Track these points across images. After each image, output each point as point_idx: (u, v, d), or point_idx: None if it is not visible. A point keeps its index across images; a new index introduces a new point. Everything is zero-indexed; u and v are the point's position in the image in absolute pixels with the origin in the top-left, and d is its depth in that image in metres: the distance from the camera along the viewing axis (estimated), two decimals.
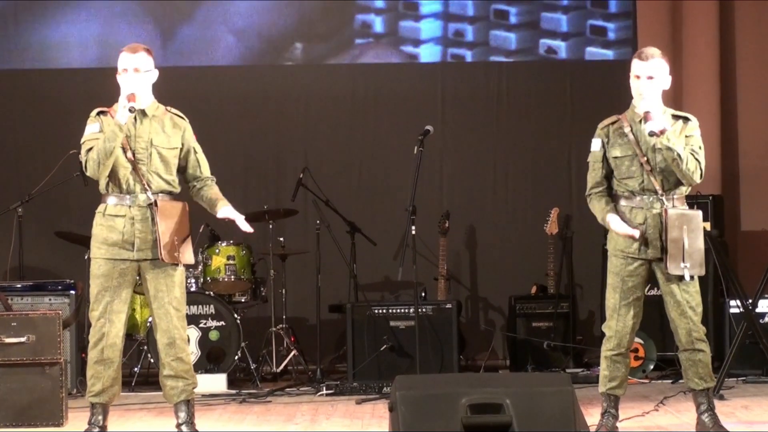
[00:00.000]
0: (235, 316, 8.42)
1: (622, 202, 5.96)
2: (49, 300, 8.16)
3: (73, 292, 8.18)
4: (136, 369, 8.45)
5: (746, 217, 9.74)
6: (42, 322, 6.81)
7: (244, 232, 6.22)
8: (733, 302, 8.31)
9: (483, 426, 4.68)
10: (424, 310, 8.33)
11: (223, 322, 8.41)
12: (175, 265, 5.94)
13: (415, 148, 7.60)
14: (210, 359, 8.36)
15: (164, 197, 5.97)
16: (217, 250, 8.60)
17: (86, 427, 6.01)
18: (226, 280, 8.59)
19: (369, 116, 9.97)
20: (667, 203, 5.87)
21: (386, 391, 7.66)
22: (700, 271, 5.89)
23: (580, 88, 9.93)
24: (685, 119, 5.97)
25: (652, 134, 5.75)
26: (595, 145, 6.02)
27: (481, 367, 9.01)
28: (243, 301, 8.78)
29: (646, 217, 5.89)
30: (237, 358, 8.38)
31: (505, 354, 9.38)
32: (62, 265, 9.29)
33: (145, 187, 5.93)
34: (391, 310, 8.44)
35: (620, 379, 5.99)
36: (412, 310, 8.21)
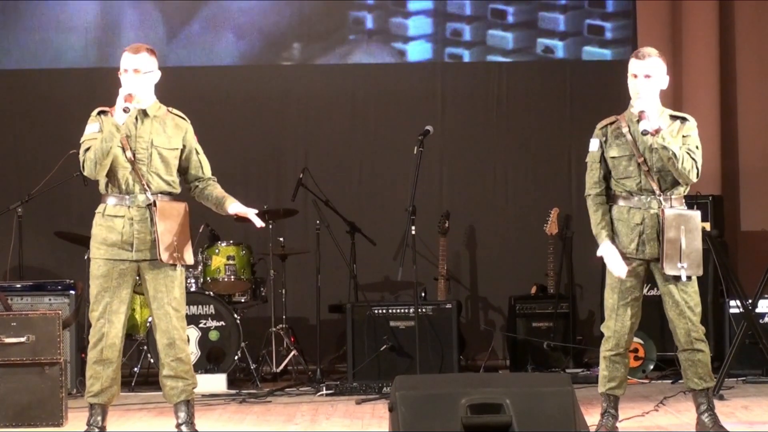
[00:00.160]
0: (235, 316, 8.42)
1: (620, 202, 5.95)
2: (49, 300, 8.16)
3: (72, 292, 8.18)
4: (136, 369, 8.45)
5: (746, 217, 9.74)
6: (42, 322, 6.80)
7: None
8: (732, 302, 8.31)
9: (483, 426, 4.68)
10: (424, 310, 8.33)
11: (222, 322, 8.41)
12: (175, 265, 5.94)
13: (415, 148, 7.60)
14: (210, 359, 8.36)
15: (164, 198, 5.96)
16: (217, 250, 8.60)
17: (85, 428, 6.01)
18: (226, 280, 8.59)
19: (369, 116, 9.96)
20: (664, 203, 5.87)
21: (386, 391, 7.65)
22: (697, 272, 5.88)
23: (580, 88, 9.93)
24: (683, 119, 5.96)
25: (646, 133, 5.75)
26: (593, 145, 6.02)
27: (481, 367, 9.00)
28: (243, 301, 8.78)
29: (644, 217, 5.89)
30: (237, 358, 8.38)
31: (505, 354, 9.38)
32: (62, 265, 9.30)
33: (145, 187, 5.92)
34: (391, 310, 8.44)
35: (619, 379, 5.99)
36: (412, 310, 8.21)
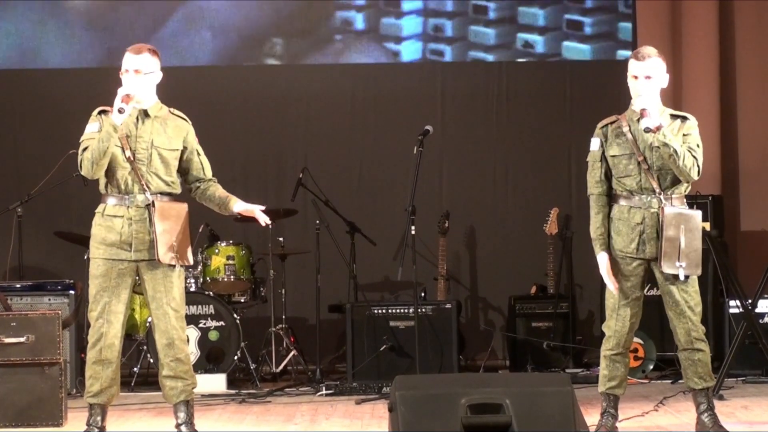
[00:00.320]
0: (235, 316, 8.41)
1: (621, 202, 5.95)
2: (49, 300, 8.15)
3: (72, 292, 8.18)
4: (136, 369, 8.45)
5: (746, 217, 9.74)
6: (41, 322, 6.80)
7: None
8: (732, 302, 8.30)
9: (483, 426, 4.68)
10: (424, 310, 8.33)
11: (222, 322, 8.40)
12: (173, 265, 5.93)
13: (415, 148, 7.60)
14: (209, 359, 8.36)
15: (164, 198, 5.95)
16: (217, 250, 8.60)
17: (85, 428, 6.00)
18: (226, 280, 8.59)
19: (369, 116, 9.96)
20: (665, 202, 5.87)
21: (386, 392, 7.65)
22: (696, 271, 5.88)
23: (580, 88, 9.93)
24: (684, 118, 5.97)
25: (648, 130, 5.75)
26: (594, 144, 6.03)
27: (481, 367, 9.01)
28: (242, 301, 8.77)
29: (644, 217, 5.89)
30: (236, 358, 8.37)
31: (505, 354, 9.38)
32: (62, 265, 9.29)
33: (144, 187, 5.91)
34: (390, 310, 8.44)
35: (620, 378, 5.99)
36: (411, 310, 8.21)
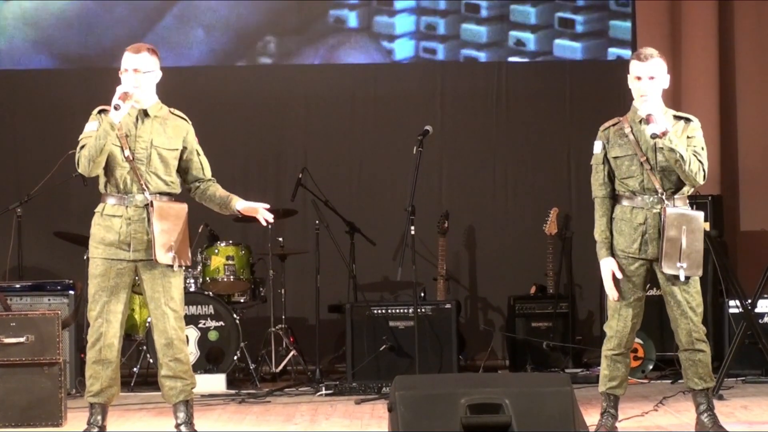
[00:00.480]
0: (234, 316, 8.41)
1: (624, 202, 5.95)
2: (48, 300, 8.15)
3: (72, 292, 8.18)
4: (136, 369, 8.44)
5: (745, 218, 9.73)
6: (41, 323, 6.80)
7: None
8: (732, 302, 8.31)
9: (482, 426, 4.67)
10: (424, 311, 8.32)
11: (222, 323, 8.40)
12: (172, 265, 5.93)
13: (415, 148, 7.59)
14: (209, 359, 8.36)
15: (163, 198, 5.95)
16: (216, 250, 8.60)
17: (85, 428, 6.01)
18: (225, 280, 8.58)
19: (368, 116, 9.96)
20: (667, 202, 5.87)
21: (385, 392, 7.65)
22: (697, 272, 5.88)
23: (580, 88, 9.93)
24: (687, 120, 5.97)
25: (655, 137, 5.74)
26: (597, 147, 6.03)
27: (481, 368, 9.01)
28: (242, 301, 8.77)
29: (647, 217, 5.89)
30: (236, 358, 8.37)
31: (505, 354, 9.38)
32: (61, 265, 9.28)
33: (143, 187, 5.91)
34: (390, 311, 8.43)
35: (620, 378, 5.99)
36: (411, 311, 8.21)
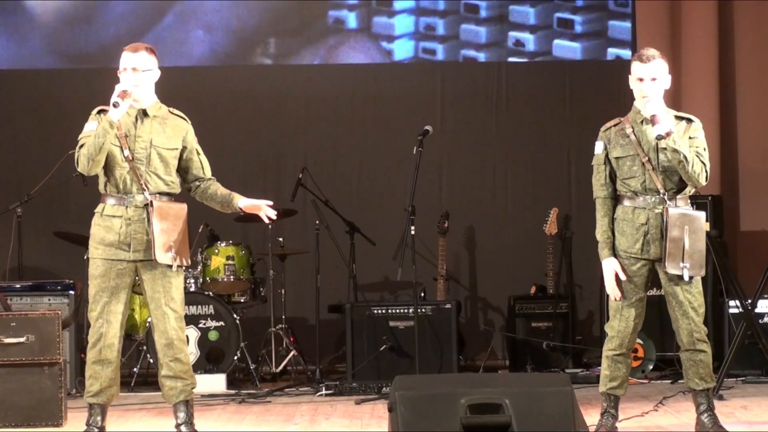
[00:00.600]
0: (235, 316, 8.41)
1: (625, 202, 5.95)
2: (49, 300, 8.15)
3: (72, 292, 8.18)
4: (136, 369, 8.45)
5: (745, 218, 9.73)
6: (41, 323, 6.80)
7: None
8: (732, 302, 8.30)
9: (482, 426, 4.67)
10: (424, 311, 8.32)
11: (222, 323, 8.40)
12: (171, 266, 5.93)
13: (415, 148, 7.59)
14: (209, 359, 8.36)
15: (162, 198, 5.95)
16: (217, 251, 8.60)
17: (84, 428, 6.01)
18: (226, 280, 8.58)
19: (368, 116, 9.96)
20: (669, 203, 5.87)
21: (385, 392, 7.65)
22: (699, 272, 5.88)
23: (580, 88, 9.93)
24: (689, 120, 5.97)
25: (660, 137, 5.73)
26: (598, 148, 6.03)
27: (481, 368, 9.01)
28: (242, 301, 8.77)
29: (649, 217, 5.89)
30: (236, 358, 8.37)
31: (505, 354, 9.38)
32: (61, 266, 9.29)
33: (143, 187, 5.91)
34: (390, 311, 8.43)
35: (621, 379, 5.99)
36: (411, 311, 8.21)
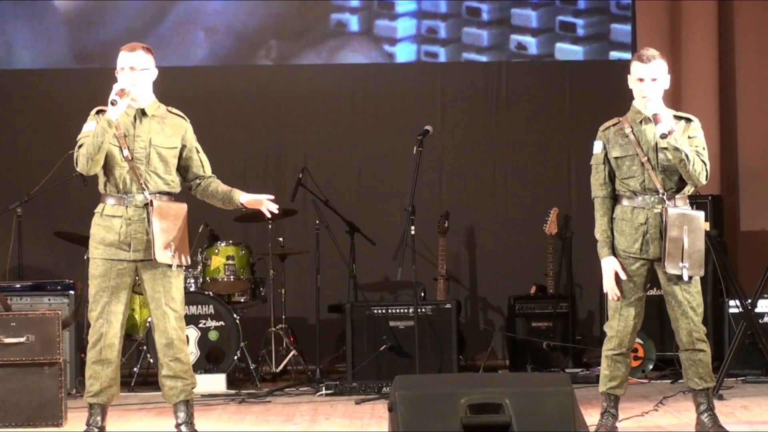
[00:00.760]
0: (235, 316, 8.41)
1: (624, 202, 5.95)
2: (49, 300, 8.15)
3: (72, 292, 8.18)
4: (136, 369, 8.45)
5: (745, 217, 9.73)
6: (41, 323, 6.80)
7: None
8: (732, 302, 8.30)
9: (482, 426, 4.67)
10: (424, 310, 8.33)
11: (222, 322, 8.40)
12: (172, 265, 5.92)
13: (415, 148, 7.59)
14: (209, 359, 8.36)
15: (162, 197, 5.95)
16: (217, 250, 8.59)
17: (85, 428, 6.01)
18: (226, 280, 8.58)
19: (368, 116, 9.96)
20: (668, 202, 5.87)
21: (386, 391, 7.65)
22: (699, 272, 5.88)
23: (580, 88, 9.93)
24: (688, 120, 5.97)
25: (664, 136, 5.73)
26: (597, 147, 6.03)
27: (481, 367, 9.00)
28: (242, 301, 8.77)
29: (648, 217, 5.89)
30: (236, 358, 8.37)
31: (505, 354, 9.38)
32: (61, 265, 9.29)
33: (143, 186, 5.91)
34: (390, 310, 8.43)
35: (620, 378, 5.99)
36: (411, 310, 8.21)
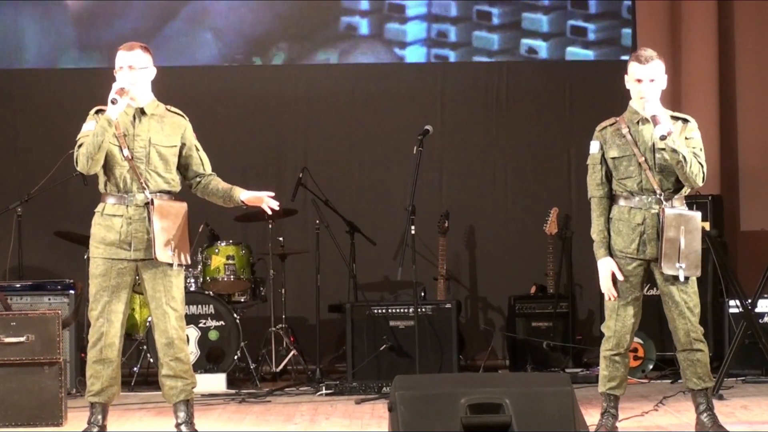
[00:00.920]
0: (235, 315, 8.42)
1: (621, 202, 5.96)
2: (49, 300, 8.15)
3: (72, 291, 8.18)
4: (136, 369, 8.45)
5: (745, 217, 9.74)
6: (41, 322, 6.80)
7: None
8: (732, 302, 8.31)
9: (482, 426, 4.67)
10: (424, 310, 8.33)
11: (222, 322, 8.40)
12: (172, 264, 5.93)
13: (415, 148, 7.59)
14: (209, 359, 8.36)
15: (162, 196, 5.95)
16: (217, 250, 8.60)
17: (85, 427, 6.01)
18: (226, 279, 8.58)
19: (369, 116, 9.96)
20: (665, 203, 5.88)
21: (386, 391, 7.66)
22: (696, 273, 5.88)
23: (580, 88, 9.93)
24: (684, 120, 5.97)
25: (663, 138, 5.73)
26: (594, 147, 6.03)
27: (481, 367, 9.01)
28: (242, 300, 8.77)
29: (645, 218, 5.89)
30: (236, 357, 8.37)
31: (505, 354, 9.38)
32: (61, 265, 9.30)
33: (143, 185, 5.92)
34: (390, 310, 8.43)
35: (619, 378, 6.00)
36: (411, 310, 8.21)
